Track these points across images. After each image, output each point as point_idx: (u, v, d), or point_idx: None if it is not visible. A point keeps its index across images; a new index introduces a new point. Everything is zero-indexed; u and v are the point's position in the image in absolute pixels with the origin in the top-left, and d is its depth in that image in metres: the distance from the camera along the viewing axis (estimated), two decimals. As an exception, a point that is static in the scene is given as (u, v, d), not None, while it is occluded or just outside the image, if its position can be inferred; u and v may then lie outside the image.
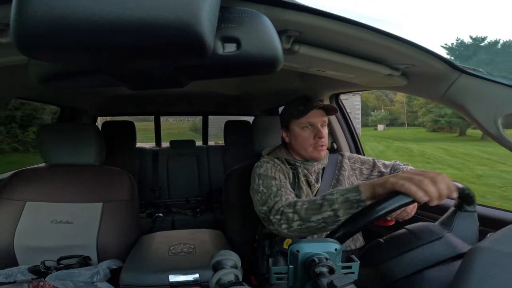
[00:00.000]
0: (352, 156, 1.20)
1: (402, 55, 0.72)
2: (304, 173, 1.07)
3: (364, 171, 1.16)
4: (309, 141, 1.03)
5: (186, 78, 0.47)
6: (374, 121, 29.26)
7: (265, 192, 0.94)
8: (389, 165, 1.16)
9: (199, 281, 0.96)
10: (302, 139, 1.04)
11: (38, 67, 0.48)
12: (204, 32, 0.30)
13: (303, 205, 0.81)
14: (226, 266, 0.49)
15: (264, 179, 0.98)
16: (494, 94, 0.77)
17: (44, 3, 0.27)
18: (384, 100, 34.86)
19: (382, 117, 29.83)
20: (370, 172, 1.16)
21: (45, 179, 1.21)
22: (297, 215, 0.81)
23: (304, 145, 1.04)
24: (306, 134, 1.03)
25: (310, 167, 1.08)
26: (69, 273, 0.99)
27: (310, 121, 1.03)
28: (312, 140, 1.03)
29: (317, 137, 1.02)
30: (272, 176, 0.98)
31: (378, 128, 27.27)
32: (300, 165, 1.07)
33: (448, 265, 0.64)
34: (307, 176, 1.07)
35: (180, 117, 17.52)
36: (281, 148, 1.14)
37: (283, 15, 0.52)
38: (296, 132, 1.05)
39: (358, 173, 1.16)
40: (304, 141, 1.04)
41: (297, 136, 1.05)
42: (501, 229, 0.56)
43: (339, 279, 0.44)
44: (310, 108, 1.02)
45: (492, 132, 0.78)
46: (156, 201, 2.26)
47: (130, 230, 1.19)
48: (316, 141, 1.02)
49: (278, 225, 0.84)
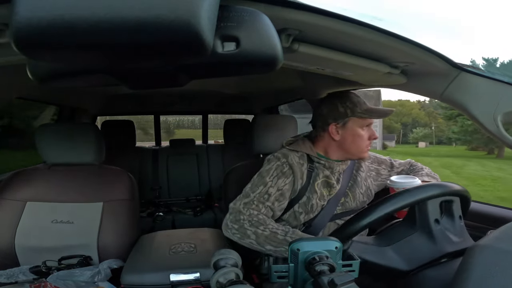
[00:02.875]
0: (369, 155, 1.13)
1: (401, 53, 0.72)
2: (326, 174, 1.00)
3: (382, 172, 1.13)
4: (365, 142, 0.99)
5: (185, 77, 0.47)
6: (416, 138, 28.90)
7: (246, 191, 0.95)
8: (405, 163, 1.14)
9: (200, 280, 0.96)
10: (361, 139, 0.99)
11: (37, 67, 0.47)
12: (204, 30, 0.30)
13: (264, 231, 0.86)
14: (226, 265, 0.49)
15: (257, 180, 0.97)
16: (494, 91, 0.77)
17: (43, 3, 0.27)
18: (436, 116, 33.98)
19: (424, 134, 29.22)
20: (389, 173, 1.12)
21: (45, 179, 1.21)
22: (254, 237, 0.86)
23: (361, 145, 0.99)
24: (364, 134, 0.99)
25: (335, 166, 1.01)
26: (70, 273, 0.99)
27: (371, 122, 1.00)
28: (368, 141, 1.00)
29: (372, 138, 1.00)
30: (265, 181, 0.95)
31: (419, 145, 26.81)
32: (324, 163, 1.01)
33: (448, 263, 0.65)
34: (328, 177, 1.00)
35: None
36: (305, 141, 1.05)
37: (283, 13, 0.51)
38: (356, 131, 0.98)
39: (375, 174, 1.12)
40: (362, 142, 0.99)
41: (355, 135, 0.98)
42: (501, 227, 0.57)
43: (339, 277, 0.44)
44: (378, 111, 0.98)
45: (492, 130, 0.78)
46: (156, 201, 2.26)
47: (130, 230, 1.19)
48: (370, 143, 1.00)
49: (231, 231, 0.90)
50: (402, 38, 0.65)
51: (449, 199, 0.72)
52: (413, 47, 0.68)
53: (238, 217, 0.90)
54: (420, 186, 0.73)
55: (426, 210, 0.69)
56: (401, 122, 42.16)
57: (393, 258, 0.68)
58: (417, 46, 0.68)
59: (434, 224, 0.69)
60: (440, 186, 0.73)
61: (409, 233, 0.70)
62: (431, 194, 0.69)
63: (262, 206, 0.92)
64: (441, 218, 0.71)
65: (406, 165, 1.13)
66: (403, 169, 1.12)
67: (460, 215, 0.73)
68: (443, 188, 0.72)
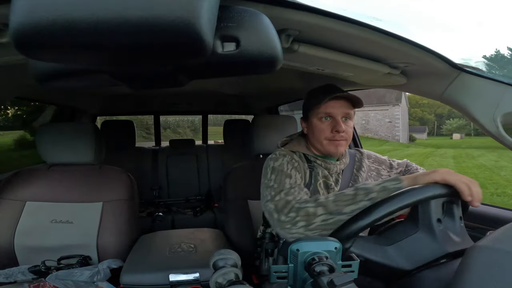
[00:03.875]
0: (370, 154, 1.10)
1: (401, 53, 0.72)
2: (324, 174, 0.95)
3: (382, 173, 1.08)
4: (325, 134, 0.92)
5: (185, 77, 0.47)
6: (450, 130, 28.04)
7: (275, 188, 0.84)
8: (403, 163, 1.11)
9: (199, 280, 0.96)
10: (318, 131, 0.93)
11: (37, 67, 0.47)
12: (204, 31, 0.30)
13: (328, 198, 0.75)
14: (226, 265, 0.49)
15: (278, 175, 0.87)
16: (493, 92, 0.77)
17: (43, 3, 0.27)
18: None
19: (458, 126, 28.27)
20: (388, 173, 1.08)
21: (45, 178, 1.21)
22: (321, 209, 0.73)
23: (319, 137, 0.93)
24: (323, 126, 0.92)
25: (331, 166, 0.96)
26: (69, 273, 0.99)
27: (329, 111, 0.91)
28: (329, 133, 0.91)
29: (334, 130, 0.91)
30: (288, 173, 0.88)
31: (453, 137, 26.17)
32: (320, 163, 0.96)
33: (447, 264, 0.64)
34: (327, 177, 0.95)
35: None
36: (300, 140, 1.00)
37: (283, 14, 0.51)
38: (314, 123, 0.94)
39: (376, 175, 1.07)
40: (320, 134, 0.92)
41: (314, 128, 0.94)
42: (501, 228, 0.57)
43: (339, 278, 0.44)
44: (329, 97, 0.89)
45: (492, 131, 0.78)
46: (156, 201, 2.26)
47: (130, 230, 1.20)
48: (333, 135, 0.91)
49: (291, 223, 0.75)
50: (402, 39, 0.65)
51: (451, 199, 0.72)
52: (413, 47, 0.68)
53: (289, 206, 0.78)
54: (422, 186, 0.73)
55: (429, 209, 0.69)
56: (435, 113, 39.58)
57: (395, 257, 0.67)
58: (417, 47, 0.68)
59: (437, 224, 0.69)
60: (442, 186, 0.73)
61: (411, 232, 0.70)
62: (432, 194, 0.69)
63: (298, 191, 0.83)
64: (443, 218, 0.72)
65: (403, 165, 1.12)
66: (401, 170, 1.12)
67: (460, 216, 0.73)
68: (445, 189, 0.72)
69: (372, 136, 20.21)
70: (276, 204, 0.80)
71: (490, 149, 14.22)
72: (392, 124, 19.82)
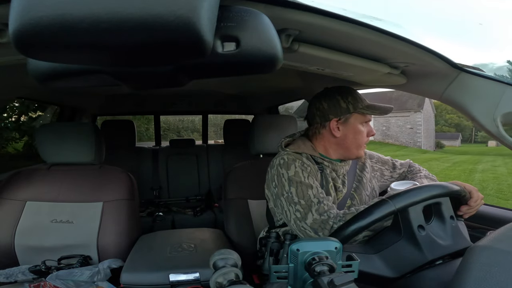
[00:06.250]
0: (372, 154, 1.10)
1: (401, 53, 0.72)
2: (333, 177, 0.94)
3: (385, 173, 1.08)
4: (365, 139, 0.94)
5: (185, 77, 0.47)
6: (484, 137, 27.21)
7: (302, 204, 0.83)
8: (405, 164, 1.11)
9: (200, 280, 0.96)
10: (361, 136, 0.93)
11: (37, 67, 0.47)
12: (204, 31, 0.30)
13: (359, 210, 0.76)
14: (226, 265, 0.49)
15: (298, 187, 0.85)
16: (493, 92, 0.77)
17: (42, 2, 0.27)
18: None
19: None
20: (391, 173, 1.09)
21: (45, 178, 1.21)
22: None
23: (360, 142, 0.93)
24: (364, 130, 0.93)
25: (338, 168, 0.95)
26: (69, 273, 0.99)
27: (370, 119, 0.94)
28: (366, 138, 0.94)
29: (370, 135, 0.95)
30: (307, 183, 0.85)
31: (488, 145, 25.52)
32: (328, 165, 0.94)
33: (447, 264, 0.64)
34: (335, 179, 0.94)
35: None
36: (304, 140, 0.97)
37: (283, 13, 0.51)
38: (357, 127, 0.92)
39: (379, 175, 1.07)
40: (361, 138, 0.93)
41: (356, 132, 0.92)
42: (501, 228, 0.57)
43: (339, 278, 0.44)
44: (379, 108, 0.92)
45: (492, 131, 0.78)
46: (156, 200, 2.26)
47: (130, 230, 1.20)
48: (367, 140, 0.95)
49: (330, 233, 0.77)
50: (402, 39, 0.65)
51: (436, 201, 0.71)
52: (413, 47, 0.68)
53: (324, 226, 0.79)
54: (419, 187, 0.73)
55: (408, 217, 0.68)
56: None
57: (380, 266, 0.67)
58: (417, 47, 0.68)
59: (418, 231, 0.68)
60: (439, 186, 0.73)
61: (395, 240, 0.69)
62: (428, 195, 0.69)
63: (326, 204, 0.83)
64: (430, 223, 0.71)
65: (405, 166, 1.11)
66: (404, 170, 1.11)
67: (451, 215, 0.73)
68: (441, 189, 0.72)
69: (392, 142, 20.14)
70: (311, 225, 0.81)
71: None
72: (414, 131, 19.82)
